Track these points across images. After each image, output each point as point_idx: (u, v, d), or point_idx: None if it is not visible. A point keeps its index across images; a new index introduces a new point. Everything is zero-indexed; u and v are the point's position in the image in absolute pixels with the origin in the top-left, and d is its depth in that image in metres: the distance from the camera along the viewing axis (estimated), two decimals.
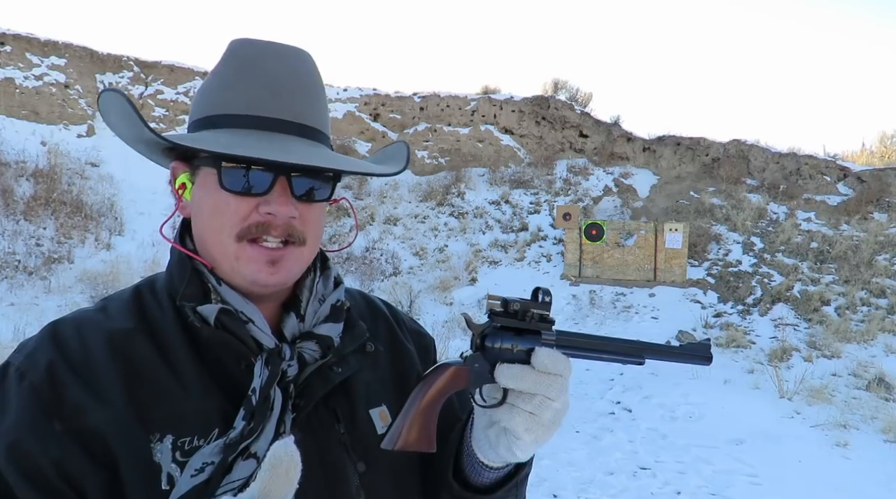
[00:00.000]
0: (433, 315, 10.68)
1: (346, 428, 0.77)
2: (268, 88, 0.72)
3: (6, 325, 7.86)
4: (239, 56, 0.74)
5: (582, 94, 18.26)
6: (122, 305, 0.75)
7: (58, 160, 12.99)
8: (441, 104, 17.72)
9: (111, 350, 0.68)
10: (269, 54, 0.74)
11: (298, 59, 0.75)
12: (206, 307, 0.71)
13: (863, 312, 10.29)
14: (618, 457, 5.20)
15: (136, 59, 16.02)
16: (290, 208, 0.71)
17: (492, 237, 14.37)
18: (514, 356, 0.68)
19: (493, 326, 0.68)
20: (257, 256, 0.71)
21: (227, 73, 0.74)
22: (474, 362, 0.68)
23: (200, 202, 0.73)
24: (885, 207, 13.26)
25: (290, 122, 0.73)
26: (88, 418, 0.64)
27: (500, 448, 0.72)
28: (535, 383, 0.68)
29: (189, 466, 0.65)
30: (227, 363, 0.71)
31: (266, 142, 0.70)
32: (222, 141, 0.69)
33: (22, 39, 14.43)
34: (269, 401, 0.69)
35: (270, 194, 0.70)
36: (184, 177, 0.75)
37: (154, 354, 0.70)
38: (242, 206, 0.70)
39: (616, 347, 0.74)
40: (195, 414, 0.68)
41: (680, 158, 16.25)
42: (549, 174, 16.42)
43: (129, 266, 11.22)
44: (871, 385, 7.27)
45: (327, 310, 0.80)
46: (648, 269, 12.47)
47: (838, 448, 5.44)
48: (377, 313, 0.94)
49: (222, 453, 0.66)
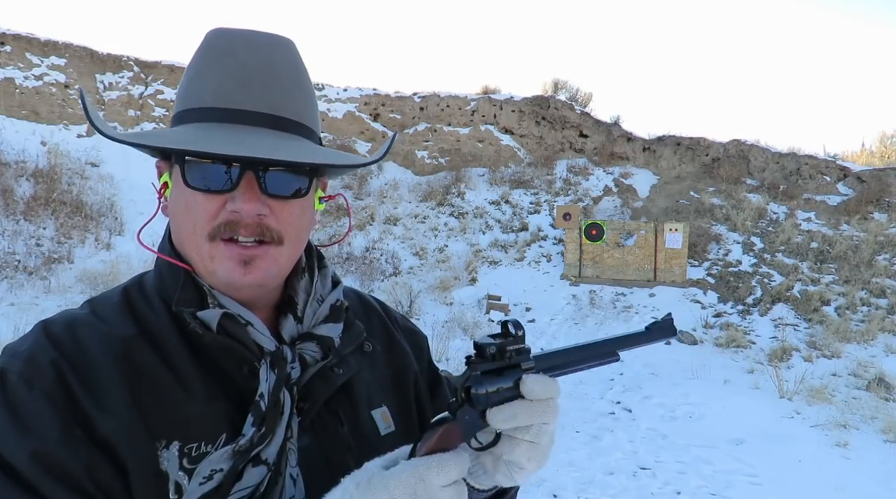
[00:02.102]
0: (433, 315, 10.67)
1: (350, 430, 0.76)
2: (236, 78, 0.68)
3: (6, 325, 7.86)
4: (210, 46, 0.70)
5: (582, 94, 18.27)
6: (112, 307, 0.72)
7: (58, 160, 12.98)
8: (441, 104, 17.72)
9: (108, 353, 0.65)
10: (242, 43, 0.69)
11: (275, 48, 0.71)
12: (207, 312, 0.68)
13: (863, 312, 10.29)
14: (618, 457, 5.20)
15: (136, 59, 16.02)
16: (256, 205, 0.66)
17: (492, 237, 14.37)
18: (502, 396, 0.66)
19: (474, 375, 0.66)
20: (230, 255, 0.67)
21: (198, 65, 0.70)
22: (464, 415, 0.66)
23: (175, 201, 0.71)
24: (885, 207, 13.26)
25: (263, 114, 0.68)
26: (99, 425, 0.62)
27: (498, 475, 0.69)
28: (530, 414, 0.66)
29: (197, 473, 0.62)
30: (228, 368, 0.69)
31: (229, 135, 0.65)
32: (182, 136, 0.65)
33: (22, 39, 14.43)
34: (279, 405, 0.67)
35: (236, 191, 0.66)
36: (166, 176, 0.72)
37: (153, 358, 0.67)
38: (211, 204, 0.67)
39: (590, 351, 0.75)
40: (201, 419, 0.65)
41: (680, 158, 16.25)
42: (549, 174, 16.43)
43: (129, 266, 11.21)
44: (871, 385, 7.28)
45: (326, 310, 0.78)
46: (648, 269, 12.47)
47: (838, 448, 5.44)
48: (371, 311, 0.92)
49: (232, 459, 0.63)
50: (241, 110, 0.67)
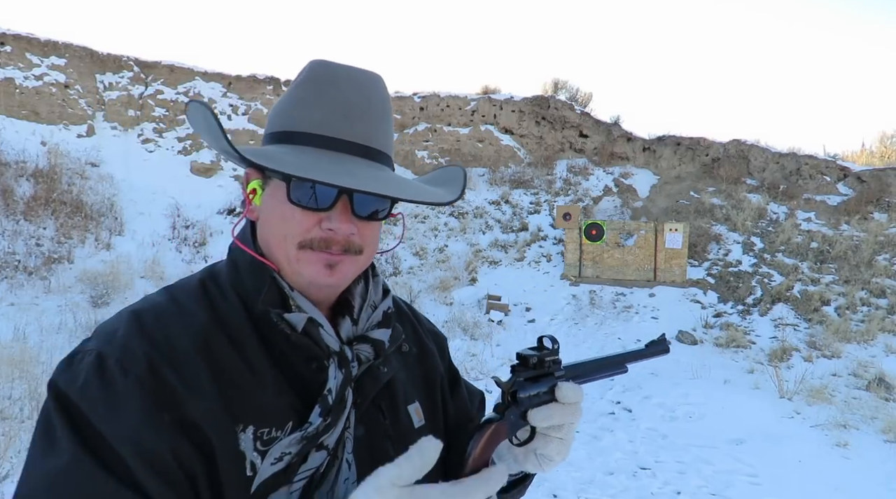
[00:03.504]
0: (433, 315, 10.68)
1: (391, 422, 0.85)
2: (339, 110, 0.77)
3: (6, 325, 7.86)
4: (316, 77, 0.79)
5: (582, 94, 18.27)
6: (191, 297, 0.78)
7: (58, 160, 12.98)
8: (441, 104, 17.72)
9: (193, 343, 0.72)
10: (344, 77, 0.79)
11: (371, 84, 0.80)
12: (294, 316, 0.76)
13: (863, 312, 10.29)
14: (618, 457, 5.20)
15: (136, 59, 16.02)
16: (349, 226, 0.76)
17: (492, 237, 14.37)
18: (541, 400, 0.80)
19: (519, 381, 0.80)
20: (317, 260, 0.77)
21: (303, 92, 0.79)
22: (510, 415, 0.80)
23: (270, 210, 0.79)
24: (885, 207, 13.26)
25: (358, 145, 0.78)
26: (188, 410, 0.68)
27: (528, 464, 0.83)
28: (563, 415, 0.80)
29: (269, 455, 0.71)
30: (298, 363, 0.77)
31: (336, 164, 0.75)
32: (293, 160, 0.74)
33: (22, 39, 14.43)
34: (344, 400, 0.77)
35: (332, 211, 0.76)
36: (255, 183, 0.81)
37: (230, 349, 0.74)
38: (306, 219, 0.76)
39: (606, 363, 0.89)
40: (272, 408, 0.73)
41: (680, 158, 16.25)
42: (549, 174, 16.43)
43: (129, 266, 11.22)
44: (871, 385, 7.27)
45: (379, 316, 0.87)
46: (648, 269, 12.47)
47: (838, 448, 5.44)
48: (403, 315, 1.01)
49: (300, 444, 0.72)
50: (339, 139, 0.77)
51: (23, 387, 5.57)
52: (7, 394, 5.43)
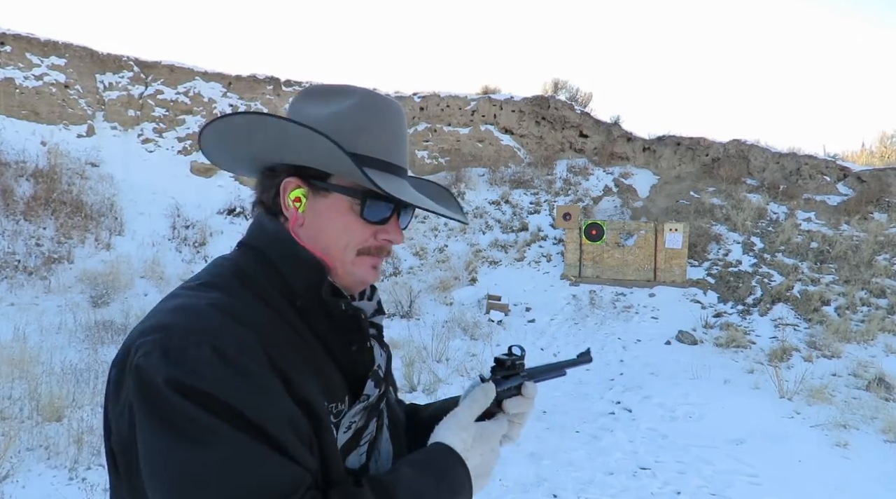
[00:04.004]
0: (433, 315, 10.68)
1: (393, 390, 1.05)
2: (394, 139, 0.92)
3: (6, 325, 7.86)
4: (371, 106, 0.90)
5: (582, 94, 18.28)
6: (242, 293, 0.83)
7: (58, 160, 12.98)
8: (441, 104, 17.72)
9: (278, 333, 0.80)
10: (391, 110, 0.93)
11: (402, 113, 0.95)
12: (363, 304, 0.95)
13: (863, 312, 10.29)
14: (618, 457, 5.19)
15: (136, 59, 16.01)
16: (402, 237, 0.93)
17: (492, 237, 14.37)
18: (511, 393, 1.00)
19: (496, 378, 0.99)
20: (369, 263, 0.91)
21: (363, 120, 0.89)
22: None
23: (327, 220, 0.89)
24: (885, 207, 13.26)
25: (401, 167, 0.93)
26: (299, 389, 0.77)
27: None
28: (525, 405, 1.00)
29: (342, 425, 0.86)
30: (340, 346, 0.89)
31: (404, 187, 0.91)
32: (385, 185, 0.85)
33: (22, 39, 14.43)
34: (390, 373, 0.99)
35: (389, 225, 0.91)
36: (300, 192, 0.89)
37: (295, 337, 0.83)
38: (367, 231, 0.89)
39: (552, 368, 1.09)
40: (335, 385, 0.86)
41: (680, 158, 16.25)
42: (549, 174, 16.43)
43: (129, 266, 11.22)
44: (871, 385, 7.27)
45: (375, 304, 1.02)
46: (648, 269, 12.47)
47: (838, 448, 5.44)
48: None
49: (364, 412, 0.90)
50: (391, 163, 0.91)
51: (23, 387, 5.57)
52: (7, 394, 5.43)
